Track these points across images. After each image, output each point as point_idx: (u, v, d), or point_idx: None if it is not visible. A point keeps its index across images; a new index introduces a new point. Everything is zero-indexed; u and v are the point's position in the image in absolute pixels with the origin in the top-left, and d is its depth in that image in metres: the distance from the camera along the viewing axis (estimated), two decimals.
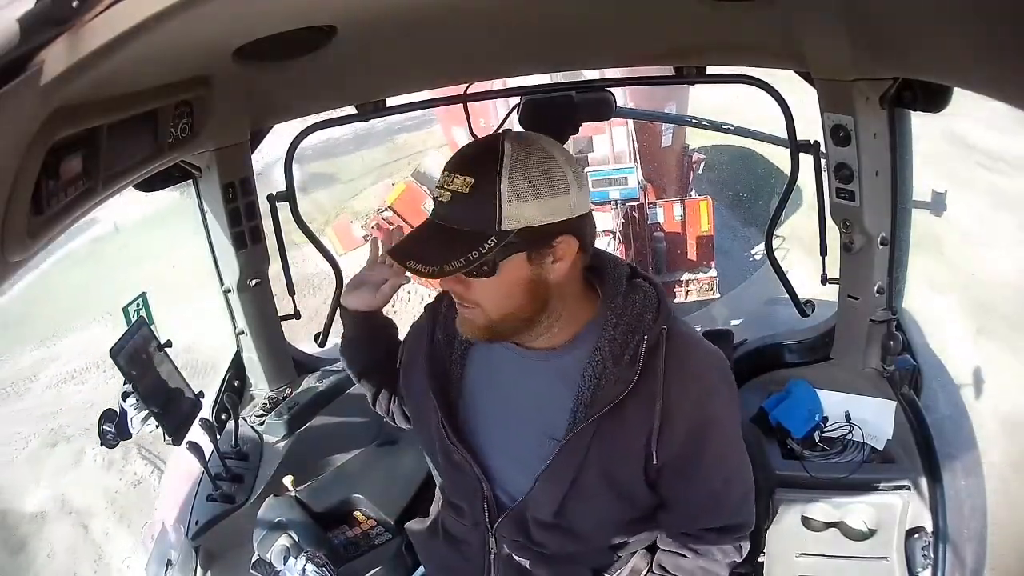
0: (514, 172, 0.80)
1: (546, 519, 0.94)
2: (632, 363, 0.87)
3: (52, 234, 0.69)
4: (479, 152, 0.84)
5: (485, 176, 0.80)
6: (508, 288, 0.85)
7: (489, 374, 0.98)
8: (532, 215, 0.81)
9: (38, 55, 0.49)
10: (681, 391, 0.88)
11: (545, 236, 0.83)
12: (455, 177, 0.82)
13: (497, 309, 0.86)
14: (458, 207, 0.82)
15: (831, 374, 1.48)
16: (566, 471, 0.90)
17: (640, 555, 1.03)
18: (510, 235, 0.81)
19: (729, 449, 0.95)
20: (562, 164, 0.84)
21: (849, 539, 1.33)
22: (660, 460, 0.89)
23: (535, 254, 0.84)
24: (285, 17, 0.83)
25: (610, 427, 0.88)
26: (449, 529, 1.06)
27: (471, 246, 0.80)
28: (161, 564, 1.27)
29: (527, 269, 0.84)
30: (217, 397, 1.65)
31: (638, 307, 0.91)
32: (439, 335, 1.00)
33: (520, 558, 0.99)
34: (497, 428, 0.97)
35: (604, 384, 0.89)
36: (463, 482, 0.99)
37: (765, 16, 1.02)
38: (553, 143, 0.86)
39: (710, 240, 4.76)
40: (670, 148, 5.27)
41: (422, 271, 0.83)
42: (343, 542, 1.36)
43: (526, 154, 0.82)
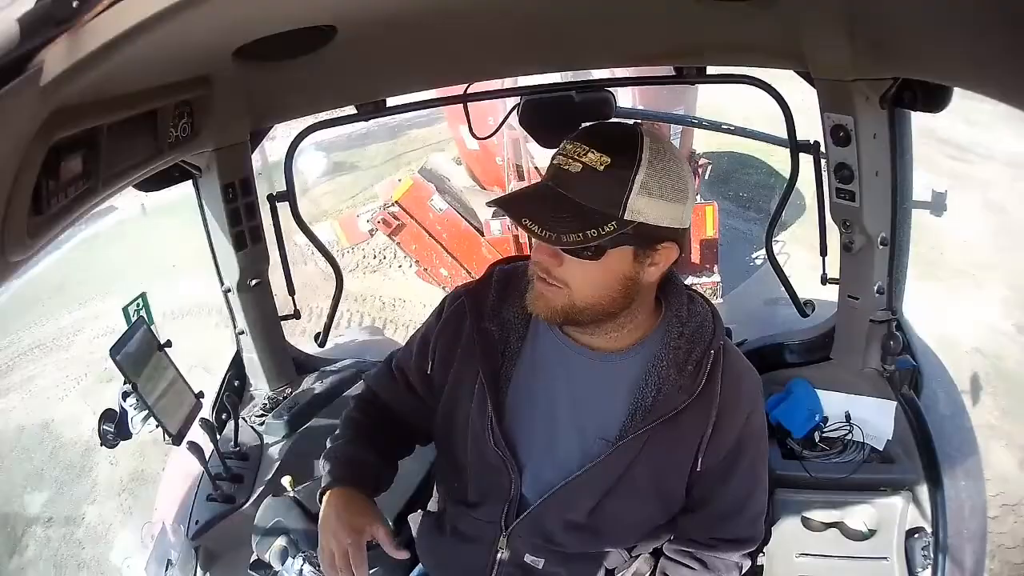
0: (651, 167, 0.80)
1: (578, 518, 0.94)
2: (696, 373, 0.89)
3: (52, 234, 0.69)
4: (618, 134, 0.83)
5: (624, 159, 0.80)
6: (605, 277, 0.85)
7: (542, 370, 0.96)
8: (654, 214, 0.81)
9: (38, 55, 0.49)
10: (733, 403, 0.92)
11: (656, 238, 0.84)
12: (589, 151, 0.80)
13: (585, 295, 0.85)
14: (587, 180, 0.80)
15: (831, 374, 1.48)
16: (613, 471, 0.91)
17: (643, 559, 1.03)
18: (630, 226, 0.80)
19: (760, 463, 0.99)
20: (688, 175, 0.84)
21: (849, 539, 1.33)
22: (704, 466, 0.92)
23: (641, 252, 0.84)
24: (285, 17, 0.83)
25: (665, 433, 0.90)
26: (457, 525, 1.04)
27: (591, 224, 0.79)
28: (161, 564, 1.27)
29: (629, 265, 0.85)
30: (217, 397, 1.65)
31: (699, 319, 0.94)
32: (489, 325, 0.97)
33: (534, 557, 0.97)
34: (543, 425, 0.95)
35: (666, 390, 0.90)
36: (492, 481, 0.97)
37: (765, 16, 1.02)
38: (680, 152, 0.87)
39: (715, 244, 4.76)
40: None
41: (538, 233, 0.80)
42: None
43: (663, 153, 0.82)
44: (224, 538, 1.39)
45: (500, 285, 0.99)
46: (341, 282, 1.75)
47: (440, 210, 4.96)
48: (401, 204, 5.01)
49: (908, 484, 1.32)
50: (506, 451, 0.94)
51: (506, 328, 0.97)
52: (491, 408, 0.93)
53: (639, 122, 0.88)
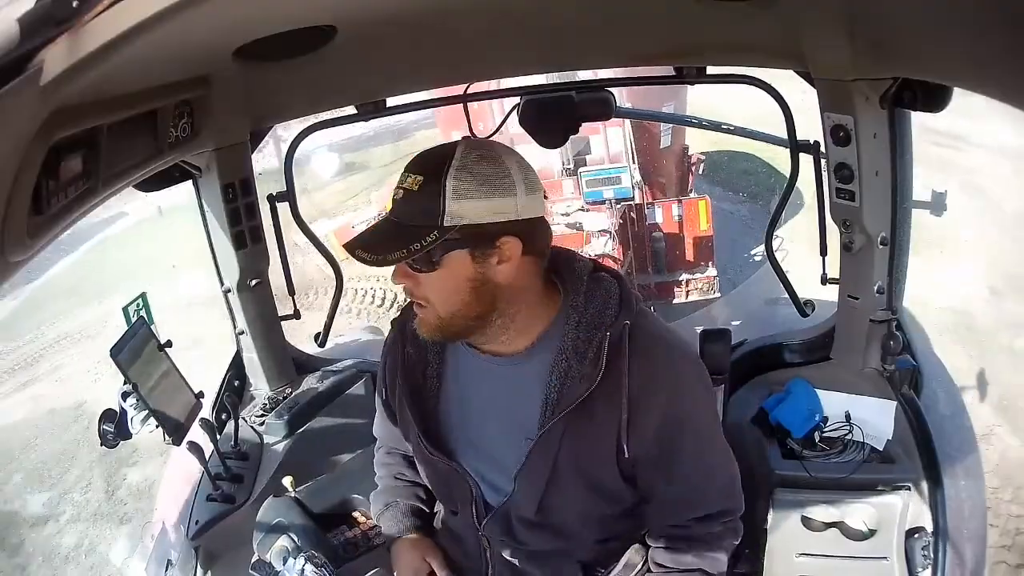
0: (460, 171, 0.84)
1: (529, 517, 0.96)
2: (596, 360, 0.89)
3: (52, 234, 0.69)
4: (433, 154, 0.88)
5: (433, 174, 0.84)
6: (453, 284, 0.87)
7: (463, 383, 1.00)
8: (474, 213, 0.84)
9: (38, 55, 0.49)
10: (647, 385, 0.90)
11: (488, 236, 0.86)
12: (408, 176, 0.86)
13: (445, 306, 0.89)
14: (408, 203, 0.86)
15: (831, 374, 1.48)
16: (541, 469, 0.93)
17: (635, 549, 1.03)
18: (452, 230, 0.84)
19: (706, 444, 0.97)
20: (512, 168, 0.86)
21: (849, 539, 1.33)
22: (632, 453, 0.91)
23: (479, 253, 0.86)
24: (285, 17, 0.83)
25: (579, 424, 0.90)
26: (449, 526, 1.09)
27: (414, 238, 0.84)
28: (161, 564, 1.27)
29: (471, 267, 0.87)
30: (217, 397, 1.65)
31: (599, 303, 0.93)
32: (409, 350, 1.02)
33: (510, 556, 1.01)
34: (475, 433, 0.99)
35: (570, 382, 0.91)
36: (452, 486, 1.01)
37: (765, 16, 1.02)
38: (509, 151, 0.89)
39: (709, 240, 4.75)
40: (669, 149, 5.27)
41: (367, 259, 0.86)
42: (342, 543, 1.35)
43: (475, 157, 0.85)
44: (224, 538, 1.39)
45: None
46: (341, 282, 1.75)
47: None
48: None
49: (908, 484, 1.32)
50: (446, 460, 0.98)
51: (423, 349, 1.01)
52: (417, 427, 0.99)
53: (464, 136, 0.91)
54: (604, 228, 4.49)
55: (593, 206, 4.51)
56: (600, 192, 4.61)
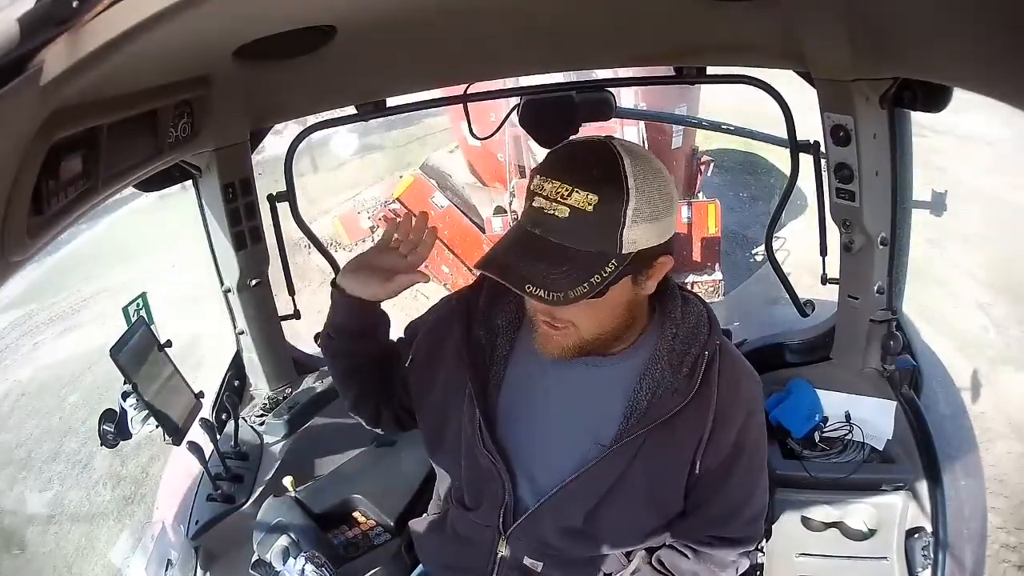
0: (640, 192, 0.76)
1: (574, 524, 0.93)
2: (691, 375, 0.88)
3: (52, 234, 0.68)
4: (597, 164, 0.77)
5: (611, 193, 0.75)
6: (610, 310, 0.83)
7: (533, 376, 0.95)
8: (648, 238, 0.78)
9: (38, 55, 0.49)
10: (731, 405, 0.90)
11: (652, 257, 0.81)
12: (574, 191, 0.75)
13: (593, 330, 0.85)
14: (578, 225, 0.76)
15: (831, 374, 1.48)
16: (608, 476, 0.89)
17: (640, 556, 1.03)
18: (629, 258, 0.77)
19: (758, 466, 0.97)
20: (671, 182, 0.81)
21: (849, 539, 1.33)
22: (702, 469, 0.90)
23: (639, 276, 0.82)
24: (285, 17, 0.83)
25: (661, 436, 0.88)
26: (457, 527, 1.04)
27: (592, 270, 0.76)
28: (161, 564, 1.26)
29: (630, 291, 0.83)
30: (217, 397, 1.65)
31: (693, 319, 0.91)
32: (479, 332, 0.96)
33: (532, 560, 0.97)
34: (536, 429, 0.94)
35: (661, 393, 0.89)
36: (484, 486, 0.96)
37: (765, 16, 1.02)
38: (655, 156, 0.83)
39: (717, 243, 4.74)
40: (680, 150, 5.26)
41: (545, 298, 0.76)
42: (342, 542, 1.35)
43: (646, 172, 0.78)
44: (224, 538, 1.39)
45: (490, 292, 0.98)
46: None
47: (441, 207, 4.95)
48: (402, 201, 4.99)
49: (908, 484, 1.32)
50: (497, 457, 0.93)
51: (494, 334, 0.95)
52: (479, 415, 0.92)
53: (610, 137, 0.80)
54: None
55: None
56: None
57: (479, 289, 0.99)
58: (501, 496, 0.94)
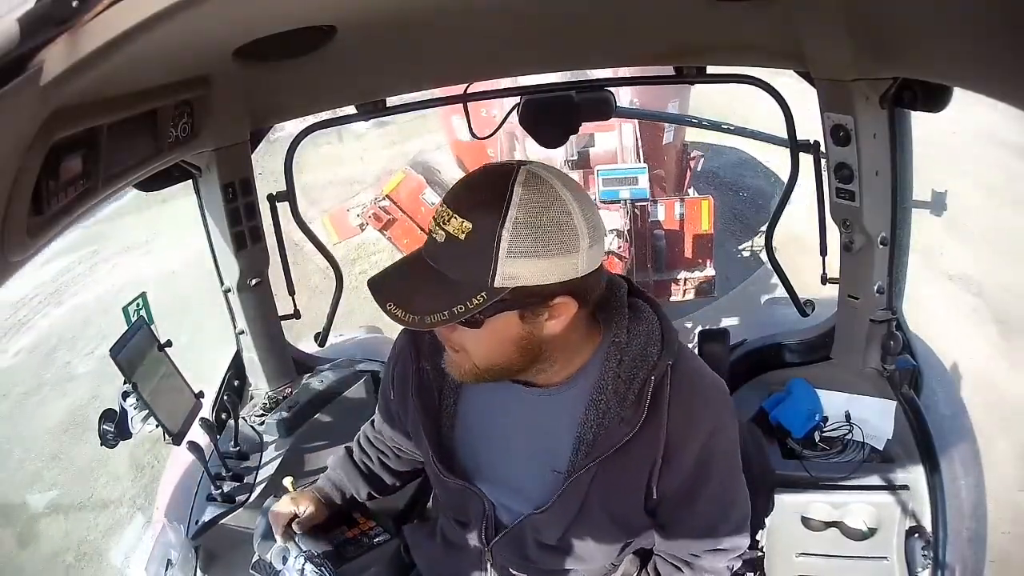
0: (519, 226, 0.72)
1: (550, 542, 0.93)
2: (638, 403, 0.84)
3: (52, 234, 0.68)
4: (484, 192, 0.74)
5: (485, 224, 0.72)
6: (495, 343, 0.80)
7: (485, 405, 0.94)
8: (531, 275, 0.73)
9: (38, 55, 0.49)
10: (685, 429, 0.86)
11: (542, 296, 0.76)
12: (453, 217, 0.74)
13: (483, 359, 0.82)
14: (450, 251, 0.74)
15: (831, 374, 1.48)
16: (570, 506, 0.89)
17: (629, 559, 1.03)
18: (502, 292, 0.73)
19: (730, 480, 0.94)
20: (577, 218, 0.74)
21: (849, 539, 1.33)
22: (659, 493, 0.89)
23: (528, 313, 0.77)
24: (285, 17, 0.83)
25: (612, 464, 0.86)
26: (448, 535, 1.06)
27: (458, 298, 0.73)
28: (161, 564, 1.26)
29: (517, 327, 0.79)
30: (217, 397, 1.65)
31: (642, 340, 0.87)
32: (425, 365, 0.96)
33: (517, 572, 0.99)
34: (495, 457, 0.95)
35: (607, 423, 0.86)
36: (463, 503, 0.98)
37: (765, 16, 1.02)
38: (576, 188, 0.77)
39: (710, 239, 4.73)
40: (671, 145, 5.25)
41: (401, 318, 0.76)
42: (342, 542, 1.35)
43: (537, 203, 0.73)
44: (224, 538, 1.39)
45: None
46: (341, 282, 1.75)
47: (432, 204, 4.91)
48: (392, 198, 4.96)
49: (908, 484, 1.32)
50: (459, 481, 0.94)
51: (439, 368, 0.93)
52: (431, 450, 0.94)
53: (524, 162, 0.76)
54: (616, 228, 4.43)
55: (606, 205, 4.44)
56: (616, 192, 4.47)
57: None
58: (482, 511, 0.95)
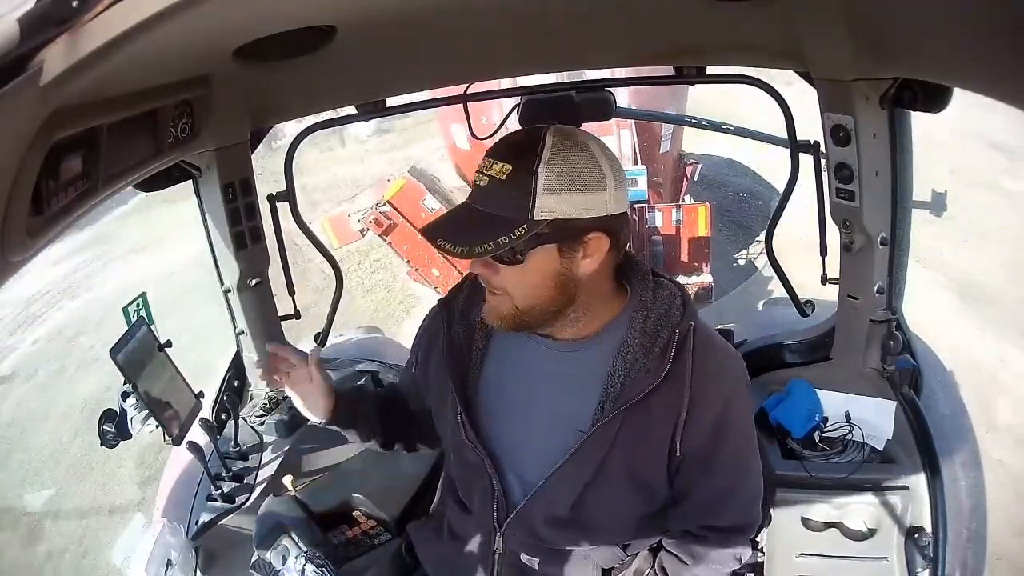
0: (552, 164, 0.81)
1: (561, 513, 0.94)
2: (663, 355, 0.89)
3: (52, 234, 0.68)
4: (521, 141, 0.85)
5: (523, 164, 0.82)
6: (536, 278, 0.86)
7: (511, 366, 0.98)
8: (565, 208, 0.82)
9: (38, 55, 0.49)
10: (707, 385, 0.90)
11: (577, 231, 0.84)
12: (494, 163, 0.84)
13: (524, 298, 0.87)
14: (493, 192, 0.83)
15: (831, 374, 1.48)
16: (590, 461, 0.91)
17: (643, 556, 1.03)
18: (541, 225, 0.82)
19: (746, 447, 0.97)
20: (601, 162, 0.84)
21: (849, 539, 1.33)
22: (682, 451, 0.91)
23: (565, 247, 0.85)
24: (285, 17, 0.83)
25: (637, 418, 0.89)
26: (454, 528, 1.06)
27: (501, 231, 0.81)
28: (161, 564, 1.26)
29: (556, 261, 0.85)
30: (217, 397, 1.65)
31: (666, 302, 0.93)
32: (457, 329, 1.00)
33: (528, 556, 0.98)
34: (518, 420, 0.97)
35: (634, 375, 0.90)
36: (475, 480, 0.99)
37: (765, 16, 1.02)
38: (597, 141, 0.86)
39: (706, 244, 4.75)
40: (668, 154, 5.28)
41: (451, 250, 0.83)
42: (343, 542, 1.35)
43: (566, 148, 0.83)
44: (224, 538, 1.39)
45: (469, 291, 1.03)
46: (341, 282, 1.75)
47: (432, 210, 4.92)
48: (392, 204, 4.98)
49: (908, 484, 1.32)
50: (482, 450, 0.96)
51: (470, 330, 1.00)
52: (461, 408, 0.96)
53: (552, 123, 0.87)
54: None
55: None
56: None
57: (460, 289, 1.04)
58: (491, 490, 0.96)
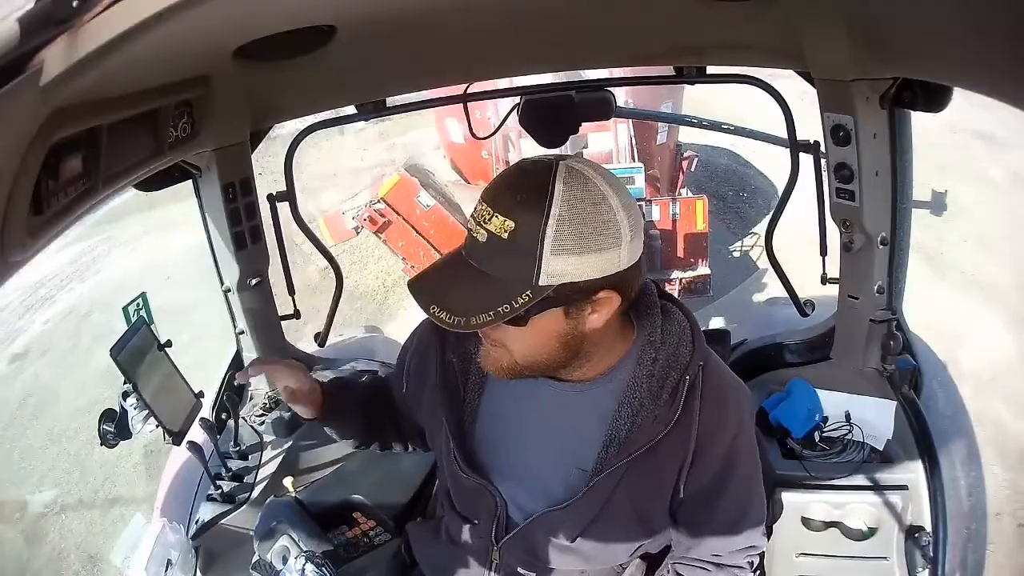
0: (562, 221, 0.72)
1: (564, 543, 0.93)
2: (671, 401, 0.85)
3: (52, 234, 0.68)
4: (524, 189, 0.74)
5: (528, 221, 0.72)
6: (539, 339, 0.80)
7: (510, 401, 0.94)
8: (575, 271, 0.73)
9: (38, 55, 0.49)
10: (714, 428, 0.87)
11: (587, 291, 0.76)
12: (494, 216, 0.73)
13: (524, 356, 0.82)
14: (492, 250, 0.74)
15: (831, 374, 1.48)
16: (594, 503, 0.89)
17: (636, 564, 1.03)
18: (548, 290, 0.74)
19: (751, 480, 0.96)
20: (618, 212, 0.74)
21: (849, 539, 1.33)
22: (686, 493, 0.89)
23: (573, 309, 0.78)
24: (285, 17, 0.83)
25: (642, 464, 0.86)
26: (452, 534, 1.05)
27: (503, 298, 0.73)
28: (161, 564, 1.26)
29: (562, 323, 0.79)
30: (217, 397, 1.65)
31: (674, 340, 0.88)
32: (451, 357, 0.96)
33: (524, 570, 0.98)
34: (516, 454, 0.94)
35: (641, 422, 0.86)
36: (475, 501, 0.97)
37: (765, 16, 1.02)
38: (614, 183, 0.76)
39: (704, 238, 4.74)
40: (664, 145, 5.27)
41: (445, 321, 0.75)
42: (343, 542, 1.35)
43: (578, 198, 0.73)
44: (224, 538, 1.39)
45: None
46: (341, 282, 1.75)
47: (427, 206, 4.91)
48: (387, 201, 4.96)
49: (908, 484, 1.32)
50: (477, 478, 0.93)
51: (466, 360, 0.94)
52: (453, 444, 0.93)
53: (562, 157, 0.76)
54: None
55: None
56: None
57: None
58: (493, 509, 0.95)
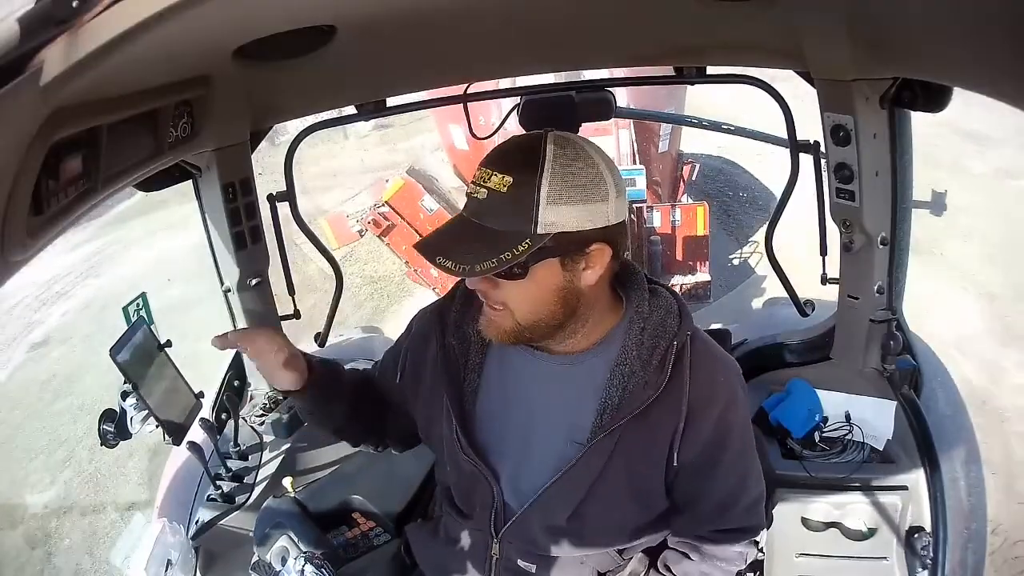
0: (555, 175, 0.79)
1: (559, 522, 0.94)
2: (661, 367, 0.88)
3: (52, 234, 0.68)
4: (520, 150, 0.82)
5: (524, 175, 0.79)
6: (538, 292, 0.84)
7: (507, 379, 0.97)
8: (569, 220, 0.80)
9: (38, 55, 0.49)
10: (705, 395, 0.90)
11: (580, 243, 0.82)
12: (493, 174, 0.81)
13: (525, 313, 0.86)
14: (493, 205, 0.80)
15: (831, 374, 1.48)
16: (588, 473, 0.90)
17: (638, 559, 1.03)
18: (546, 239, 0.80)
19: (746, 453, 0.97)
20: (604, 170, 0.82)
21: (849, 539, 1.33)
22: (680, 462, 0.91)
23: (568, 260, 0.83)
24: (285, 17, 0.83)
25: (636, 430, 0.89)
26: (451, 533, 1.06)
27: (503, 247, 0.79)
28: (161, 564, 1.27)
29: (559, 275, 0.84)
30: (217, 397, 1.64)
31: (662, 312, 0.92)
32: (451, 341, 0.98)
33: (525, 562, 0.98)
34: (514, 433, 0.96)
35: (632, 388, 0.89)
36: (473, 490, 0.98)
37: (765, 16, 1.02)
38: (596, 148, 0.84)
39: (704, 243, 4.76)
40: (666, 153, 5.28)
41: (451, 269, 0.80)
42: (342, 543, 1.35)
43: (568, 157, 0.80)
44: (224, 538, 1.39)
45: (461, 302, 1.01)
46: (341, 282, 1.75)
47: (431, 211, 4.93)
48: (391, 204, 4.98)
49: (908, 484, 1.32)
50: (479, 462, 0.95)
51: (466, 343, 0.98)
52: (456, 422, 0.95)
53: (552, 131, 0.84)
54: None
55: None
56: None
57: (452, 299, 1.02)
58: (491, 499, 0.96)
